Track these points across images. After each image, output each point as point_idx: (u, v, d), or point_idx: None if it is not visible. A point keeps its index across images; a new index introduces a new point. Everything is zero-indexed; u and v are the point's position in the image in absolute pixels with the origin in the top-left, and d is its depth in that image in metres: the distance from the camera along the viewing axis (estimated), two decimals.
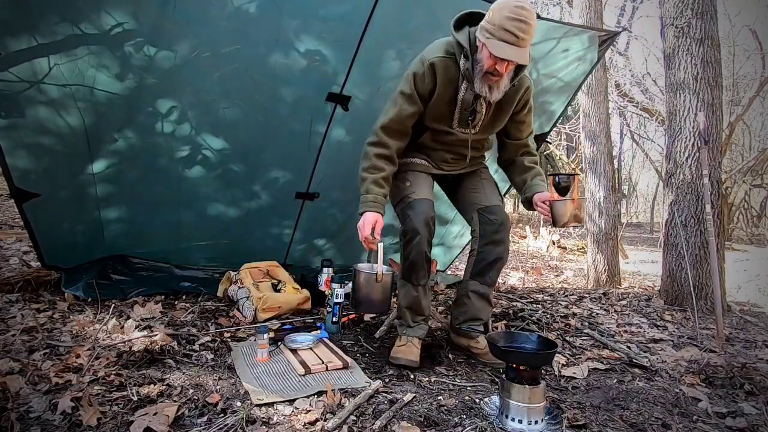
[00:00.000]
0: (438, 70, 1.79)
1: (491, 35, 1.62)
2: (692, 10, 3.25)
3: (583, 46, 2.90)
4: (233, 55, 2.34)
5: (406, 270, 1.92)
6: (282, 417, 1.42)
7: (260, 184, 3.00)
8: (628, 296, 3.62)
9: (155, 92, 2.39)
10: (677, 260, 3.26)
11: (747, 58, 10.55)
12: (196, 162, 2.72)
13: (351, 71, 2.55)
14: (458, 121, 1.90)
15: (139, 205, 2.76)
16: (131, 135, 2.49)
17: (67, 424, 1.28)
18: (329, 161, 2.94)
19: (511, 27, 1.57)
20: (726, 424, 1.57)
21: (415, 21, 2.46)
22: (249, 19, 2.23)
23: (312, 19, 2.31)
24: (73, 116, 2.27)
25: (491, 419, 1.48)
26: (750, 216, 12.28)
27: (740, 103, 9.63)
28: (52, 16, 1.96)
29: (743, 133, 13.06)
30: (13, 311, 2.12)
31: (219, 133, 2.67)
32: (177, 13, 2.12)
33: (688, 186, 3.22)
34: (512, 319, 2.71)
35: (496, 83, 1.74)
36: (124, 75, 2.25)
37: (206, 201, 2.94)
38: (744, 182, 9.47)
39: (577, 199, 1.78)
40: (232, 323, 2.33)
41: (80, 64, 2.14)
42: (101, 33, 2.09)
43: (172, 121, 2.52)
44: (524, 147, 2.05)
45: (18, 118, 2.15)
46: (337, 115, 2.73)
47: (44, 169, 2.35)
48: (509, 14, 1.57)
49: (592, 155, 5.30)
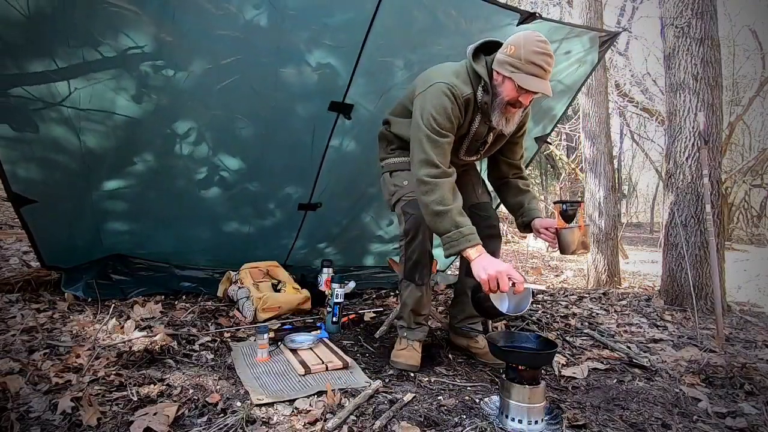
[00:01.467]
0: (470, 105, 1.75)
1: (517, 69, 1.61)
2: (692, 10, 3.25)
3: (584, 48, 2.90)
4: (246, 71, 2.34)
5: (410, 269, 1.90)
6: (282, 417, 1.42)
7: (275, 201, 3.04)
8: (628, 296, 3.62)
9: (173, 114, 2.40)
10: (677, 260, 3.26)
11: (747, 58, 10.55)
12: (213, 183, 2.74)
13: (353, 79, 2.52)
14: (466, 150, 1.91)
15: (147, 221, 2.78)
16: (150, 158, 2.50)
17: (67, 424, 1.28)
18: (332, 170, 2.92)
19: (540, 61, 1.59)
20: (726, 424, 1.57)
21: (417, 24, 2.43)
22: (258, 32, 2.21)
23: (318, 29, 2.29)
24: (90, 137, 2.26)
25: (491, 419, 1.48)
26: (750, 216, 12.28)
27: (740, 103, 9.62)
28: (72, 40, 1.95)
29: (743, 133, 13.04)
30: (13, 311, 2.12)
31: (236, 152, 2.69)
32: (192, 32, 2.11)
33: (688, 186, 3.22)
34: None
35: (513, 115, 1.75)
36: (142, 97, 2.24)
37: (221, 220, 2.97)
38: (744, 182, 9.47)
39: (583, 226, 1.78)
40: (232, 323, 2.33)
41: (99, 87, 2.13)
42: (119, 55, 2.07)
43: (189, 142, 2.53)
44: (517, 168, 2.08)
45: (30, 133, 2.13)
46: (339, 125, 2.71)
47: (55, 182, 2.34)
48: (536, 48, 1.59)
49: (592, 155, 5.29)
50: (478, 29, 2.50)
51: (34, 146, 2.19)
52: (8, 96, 1.99)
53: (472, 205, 2.03)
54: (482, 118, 1.79)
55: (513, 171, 2.08)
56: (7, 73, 1.94)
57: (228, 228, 3.03)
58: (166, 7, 1.98)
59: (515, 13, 2.47)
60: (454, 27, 2.48)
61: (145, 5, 1.96)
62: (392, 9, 2.25)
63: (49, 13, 1.83)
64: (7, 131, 2.08)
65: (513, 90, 1.65)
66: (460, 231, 1.61)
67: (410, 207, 1.87)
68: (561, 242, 1.83)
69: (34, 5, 1.79)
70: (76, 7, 1.86)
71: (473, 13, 2.46)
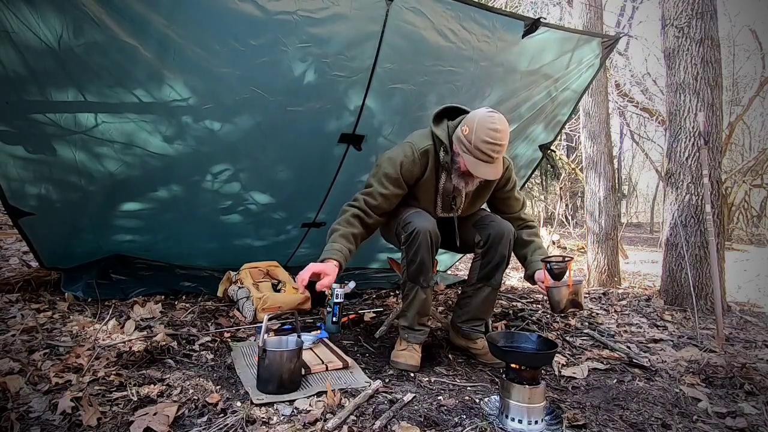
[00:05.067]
0: (430, 158, 1.89)
1: (467, 151, 1.75)
2: (692, 10, 3.25)
3: (595, 53, 2.86)
4: (288, 123, 2.35)
5: (414, 272, 1.89)
6: (282, 417, 1.42)
7: (293, 223, 3.09)
8: (628, 296, 3.62)
9: (211, 159, 2.40)
10: (677, 260, 3.26)
11: (747, 58, 10.55)
12: (235, 211, 2.76)
13: (363, 110, 2.48)
14: (441, 206, 2.01)
15: (158, 234, 2.79)
16: (177, 188, 2.50)
17: (67, 424, 1.28)
18: (341, 192, 2.90)
19: (487, 149, 1.70)
20: (726, 424, 1.57)
21: (424, 45, 2.31)
22: (302, 86, 2.22)
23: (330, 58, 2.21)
24: (111, 164, 2.22)
25: (491, 419, 1.48)
26: (750, 216, 12.26)
27: (740, 103, 9.62)
28: (106, 78, 1.90)
29: (743, 133, 13.04)
30: (13, 311, 2.12)
31: (266, 189, 2.71)
32: (241, 85, 2.10)
33: (688, 186, 3.22)
34: (512, 319, 2.71)
35: (473, 179, 1.87)
36: (180, 142, 2.23)
37: (236, 237, 3.01)
38: (744, 182, 9.45)
39: (572, 284, 1.73)
40: (232, 323, 2.33)
41: (131, 126, 2.09)
42: (159, 103, 2.04)
43: (222, 180, 2.54)
44: (519, 220, 2.11)
45: (49, 156, 2.08)
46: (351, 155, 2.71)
47: (71, 203, 2.31)
48: (485, 138, 1.69)
49: (592, 155, 5.29)
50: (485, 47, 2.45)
51: (54, 170, 2.14)
52: (29, 121, 1.95)
53: (478, 222, 2.03)
54: (447, 176, 1.92)
55: (516, 223, 2.08)
56: (31, 99, 1.88)
57: (240, 242, 3.07)
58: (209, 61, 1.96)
59: (520, 21, 2.43)
60: (462, 45, 2.39)
61: (175, 60, 1.92)
62: (398, 30, 2.18)
63: (80, 53, 1.78)
64: (21, 152, 2.02)
65: (465, 166, 1.79)
66: (330, 245, 1.76)
67: (409, 219, 1.88)
68: (549, 300, 1.81)
69: (66, 45, 1.73)
70: (107, 55, 1.81)
71: (479, 30, 2.37)
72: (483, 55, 2.47)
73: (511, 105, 2.89)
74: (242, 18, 1.89)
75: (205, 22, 1.87)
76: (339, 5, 2.00)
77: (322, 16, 2.01)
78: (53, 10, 1.65)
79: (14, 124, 1.94)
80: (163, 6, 1.78)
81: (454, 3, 2.20)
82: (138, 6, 1.74)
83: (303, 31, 2.02)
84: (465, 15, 2.28)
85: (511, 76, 2.71)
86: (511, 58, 2.59)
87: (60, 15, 1.67)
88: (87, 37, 1.74)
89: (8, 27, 1.63)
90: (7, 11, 1.59)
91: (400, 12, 2.11)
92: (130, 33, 1.79)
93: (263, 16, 1.91)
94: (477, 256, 2.02)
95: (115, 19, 1.73)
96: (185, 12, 1.81)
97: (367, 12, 2.07)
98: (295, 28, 1.99)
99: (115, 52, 1.82)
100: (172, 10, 1.79)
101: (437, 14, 2.21)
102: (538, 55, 2.65)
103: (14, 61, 1.72)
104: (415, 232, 1.84)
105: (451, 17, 2.25)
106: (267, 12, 1.91)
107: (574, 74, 2.95)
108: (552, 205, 12.56)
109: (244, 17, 1.88)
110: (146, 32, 1.81)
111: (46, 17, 1.66)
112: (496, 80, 2.69)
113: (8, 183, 2.09)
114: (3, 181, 2.07)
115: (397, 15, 2.12)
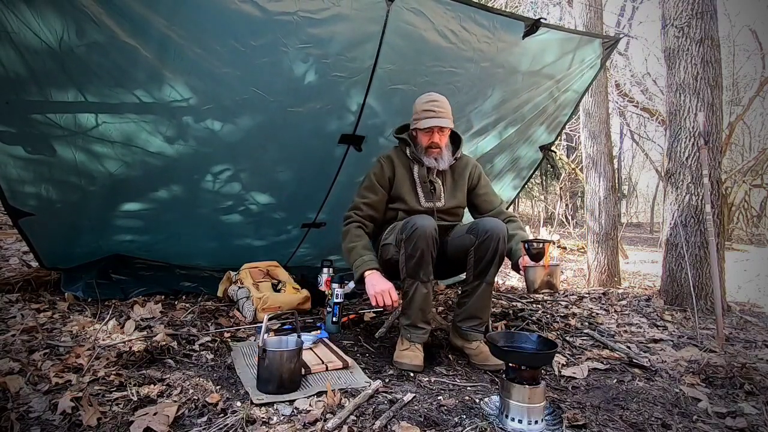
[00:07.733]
0: (394, 160, 2.20)
1: (418, 119, 2.13)
2: (692, 10, 3.25)
3: (596, 54, 2.86)
4: (289, 124, 2.35)
5: (413, 267, 1.89)
6: (282, 417, 1.42)
7: (293, 223, 3.09)
8: (628, 296, 3.62)
9: (211, 159, 2.40)
10: (677, 260, 3.26)
11: (747, 58, 10.54)
12: (236, 211, 2.77)
13: (363, 110, 2.48)
14: (423, 195, 2.18)
15: (158, 234, 2.79)
16: (177, 189, 2.51)
17: (67, 424, 1.28)
18: (341, 192, 2.90)
19: (429, 107, 2.10)
20: (726, 424, 1.57)
21: (425, 46, 2.30)
22: (303, 87, 2.23)
23: (331, 59, 2.20)
24: (112, 165, 2.22)
25: (491, 419, 1.48)
26: (750, 216, 12.26)
27: (740, 103, 9.61)
28: (106, 79, 1.90)
29: (743, 133, 13.04)
30: (13, 311, 2.12)
31: (266, 189, 2.71)
32: (242, 86, 2.10)
33: (688, 186, 3.22)
34: (512, 319, 2.71)
35: (440, 154, 2.14)
36: (180, 143, 2.23)
37: (236, 237, 3.00)
38: (744, 182, 9.44)
39: (548, 266, 1.78)
40: (232, 323, 2.33)
41: (131, 126, 2.09)
42: (159, 103, 2.04)
43: (222, 180, 2.54)
44: (502, 214, 2.23)
45: (48, 156, 2.07)
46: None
47: (71, 203, 2.30)
48: (425, 101, 2.12)
49: (592, 155, 5.29)
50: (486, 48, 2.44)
51: (47, 167, 2.12)
52: (29, 121, 1.94)
53: (467, 226, 2.07)
54: (418, 166, 2.18)
55: (500, 218, 2.15)
56: (31, 99, 1.87)
57: (240, 242, 3.06)
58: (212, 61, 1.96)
59: (520, 22, 2.43)
60: (462, 46, 2.38)
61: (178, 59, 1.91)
62: (398, 30, 2.18)
63: (80, 54, 1.77)
64: (20, 152, 2.01)
65: (422, 135, 2.13)
66: (361, 258, 2.00)
67: (409, 219, 1.92)
68: (525, 279, 1.85)
69: (66, 45, 1.72)
70: (108, 55, 1.81)
71: (479, 31, 2.35)
72: (483, 55, 2.47)
73: (514, 106, 2.89)
74: (243, 18, 1.88)
75: (206, 22, 1.87)
76: (339, 6, 2.00)
77: (323, 16, 2.00)
78: (53, 11, 1.65)
79: (14, 124, 1.93)
80: (164, 6, 1.77)
81: (454, 3, 2.20)
82: (138, 6, 1.73)
83: (303, 32, 2.02)
84: (465, 15, 2.28)
85: (512, 76, 2.70)
86: (512, 58, 2.59)
87: (60, 15, 1.66)
88: (87, 38, 1.74)
89: (8, 27, 1.62)
90: (7, 11, 1.59)
91: (400, 12, 2.11)
92: (131, 33, 1.78)
93: (263, 16, 1.91)
94: (470, 254, 2.02)
95: (116, 19, 1.73)
96: (186, 12, 1.81)
97: (368, 12, 2.07)
98: (295, 29, 1.99)
99: (116, 52, 1.81)
100: (173, 10, 1.78)
101: (437, 15, 2.21)
102: (540, 56, 2.65)
103: (14, 61, 1.72)
104: (414, 226, 1.86)
105: (451, 18, 2.25)
106: (267, 12, 1.90)
107: (576, 75, 2.94)
108: (552, 205, 12.57)
109: (245, 18, 1.88)
110: (147, 33, 1.80)
111: (46, 18, 1.65)
112: (498, 81, 2.69)
113: (8, 183, 2.09)
114: (3, 182, 2.07)
115: (397, 15, 2.12)
